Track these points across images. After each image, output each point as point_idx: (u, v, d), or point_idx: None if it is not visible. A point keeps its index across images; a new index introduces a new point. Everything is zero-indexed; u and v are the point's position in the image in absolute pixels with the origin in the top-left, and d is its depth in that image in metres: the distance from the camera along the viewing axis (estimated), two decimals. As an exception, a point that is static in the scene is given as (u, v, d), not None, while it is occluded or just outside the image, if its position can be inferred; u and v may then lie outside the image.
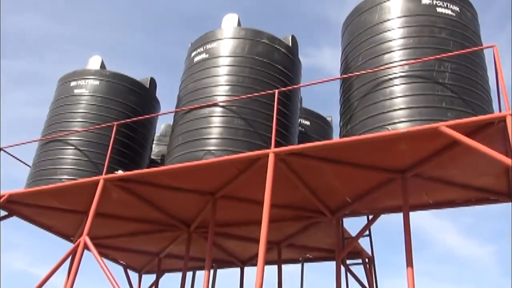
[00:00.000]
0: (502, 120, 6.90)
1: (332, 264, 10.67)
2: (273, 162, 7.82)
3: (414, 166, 8.37)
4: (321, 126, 13.55)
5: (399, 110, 7.92)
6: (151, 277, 14.07)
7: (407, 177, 8.56)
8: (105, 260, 10.41)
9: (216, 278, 13.57)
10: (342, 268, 10.73)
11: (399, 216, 8.78)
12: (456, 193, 9.26)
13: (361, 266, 12.05)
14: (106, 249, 12.59)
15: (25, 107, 35.05)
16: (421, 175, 8.61)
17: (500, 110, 8.07)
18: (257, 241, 7.47)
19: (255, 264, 7.60)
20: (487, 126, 7.15)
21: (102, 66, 11.80)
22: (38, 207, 10.80)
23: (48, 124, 11.25)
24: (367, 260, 12.10)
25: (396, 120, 7.89)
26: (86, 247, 8.82)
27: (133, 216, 11.15)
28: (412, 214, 8.47)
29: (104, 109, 10.96)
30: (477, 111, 7.81)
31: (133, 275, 14.27)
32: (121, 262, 13.99)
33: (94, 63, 11.80)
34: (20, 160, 11.44)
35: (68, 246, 12.24)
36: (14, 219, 11.22)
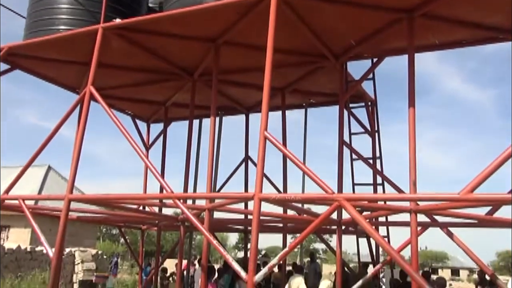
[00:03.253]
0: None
1: (335, 109, 10.84)
2: (275, 4, 7.50)
3: (422, 5, 8.04)
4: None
5: None
6: (159, 126, 14.51)
7: (414, 16, 8.26)
8: (113, 111, 10.60)
9: (222, 125, 14.01)
10: (345, 112, 10.95)
11: (404, 62, 8.63)
12: (464, 33, 9.03)
13: (364, 110, 12.30)
14: (112, 100, 12.75)
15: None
16: (428, 15, 8.30)
17: None
18: (261, 87, 7.48)
19: (259, 111, 7.69)
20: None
21: None
22: (39, 59, 10.73)
23: (37, -29, 10.64)
24: (369, 103, 12.30)
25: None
26: (92, 97, 8.92)
27: (136, 66, 11.11)
28: (417, 61, 8.31)
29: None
30: None
31: (142, 125, 14.71)
32: (129, 112, 14.30)
33: None
34: (14, 12, 11.10)
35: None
36: (22, 74, 11.26)
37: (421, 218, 8.34)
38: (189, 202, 11.08)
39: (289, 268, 13.67)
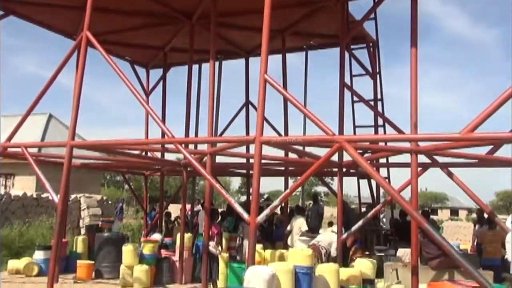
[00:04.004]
0: None
1: (336, 51, 10.67)
2: None
3: None
4: None
5: None
6: (159, 72, 14.36)
7: (418, -49, 7.99)
8: (112, 57, 10.41)
9: (222, 70, 13.86)
10: (346, 54, 10.79)
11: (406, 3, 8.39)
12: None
13: (365, 52, 12.12)
14: (110, 45, 12.55)
15: None
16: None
17: None
18: (260, 30, 7.35)
19: (259, 54, 7.58)
20: None
21: None
22: (33, 4, 10.52)
23: None
24: (371, 44, 12.11)
25: None
26: (90, 43, 8.77)
27: (133, 10, 10.89)
28: (420, 1, 8.07)
29: None
30: None
31: (141, 71, 14.54)
32: (127, 58, 14.12)
33: None
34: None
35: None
36: (18, 21, 11.08)
37: (422, 159, 8.40)
38: (191, 147, 11.15)
39: (291, 210, 13.93)
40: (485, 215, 10.99)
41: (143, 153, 12.74)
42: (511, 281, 8.79)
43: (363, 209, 13.25)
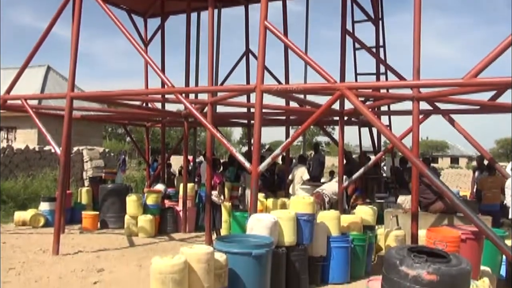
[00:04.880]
0: None
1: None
2: None
3: None
4: None
5: None
6: (157, 21, 14.07)
7: None
8: (108, 6, 10.14)
9: (221, 18, 13.57)
10: (348, 0, 10.53)
11: None
12: None
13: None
14: (106, -6, 12.26)
15: None
16: None
17: None
18: (260, -26, 7.14)
19: (259, 1, 7.40)
20: None
21: None
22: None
23: None
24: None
25: None
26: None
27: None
28: None
29: None
30: None
31: (138, 21, 14.24)
32: (124, 6, 13.78)
33: None
34: None
35: None
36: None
37: (423, 106, 8.33)
38: (192, 97, 11.08)
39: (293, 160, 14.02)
40: (485, 162, 11.04)
41: (144, 105, 12.67)
42: (509, 226, 8.94)
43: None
